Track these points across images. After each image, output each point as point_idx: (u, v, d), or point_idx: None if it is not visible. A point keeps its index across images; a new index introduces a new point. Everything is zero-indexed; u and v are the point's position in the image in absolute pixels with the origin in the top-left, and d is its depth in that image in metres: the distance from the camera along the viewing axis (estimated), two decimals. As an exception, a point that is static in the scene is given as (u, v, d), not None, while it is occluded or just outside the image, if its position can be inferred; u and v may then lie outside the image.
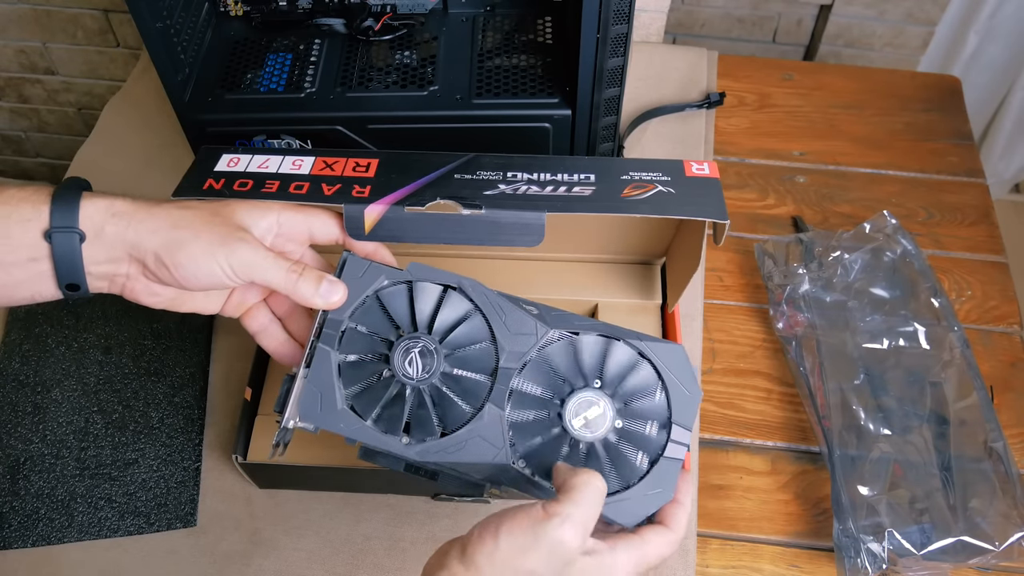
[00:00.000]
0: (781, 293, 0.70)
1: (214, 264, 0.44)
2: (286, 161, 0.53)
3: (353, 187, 0.51)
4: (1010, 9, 1.16)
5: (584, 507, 0.38)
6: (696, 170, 0.53)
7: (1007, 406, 0.67)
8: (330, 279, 0.47)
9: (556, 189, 0.51)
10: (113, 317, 0.71)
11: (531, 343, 0.46)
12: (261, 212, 0.48)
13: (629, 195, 0.51)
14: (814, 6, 1.09)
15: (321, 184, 0.51)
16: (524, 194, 0.51)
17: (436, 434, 0.46)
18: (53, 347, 0.69)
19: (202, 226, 0.45)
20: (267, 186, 0.51)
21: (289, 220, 0.49)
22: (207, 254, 0.44)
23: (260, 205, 0.48)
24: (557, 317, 0.47)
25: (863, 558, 0.56)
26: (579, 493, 0.38)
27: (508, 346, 0.46)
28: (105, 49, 1.23)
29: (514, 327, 0.46)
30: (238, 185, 0.51)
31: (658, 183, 0.52)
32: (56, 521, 0.61)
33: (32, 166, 1.49)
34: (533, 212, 0.49)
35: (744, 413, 0.68)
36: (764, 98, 0.91)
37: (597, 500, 0.39)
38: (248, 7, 0.75)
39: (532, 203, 0.50)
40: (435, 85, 0.69)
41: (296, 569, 0.59)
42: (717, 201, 0.51)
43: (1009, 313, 0.74)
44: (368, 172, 0.53)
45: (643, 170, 0.53)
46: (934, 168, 0.85)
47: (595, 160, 0.54)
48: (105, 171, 0.83)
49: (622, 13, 0.60)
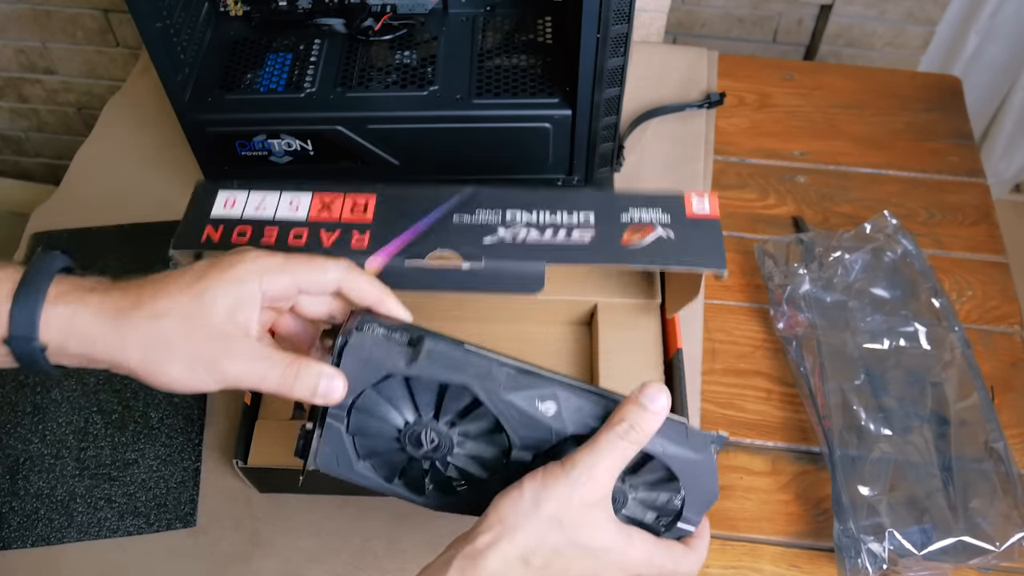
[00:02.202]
0: (781, 293, 0.70)
1: (197, 380, 0.40)
2: (283, 201, 0.53)
3: (352, 234, 0.51)
4: (1011, 9, 1.16)
5: (607, 458, 0.40)
6: (697, 208, 0.53)
7: (1008, 406, 0.67)
8: (328, 374, 0.41)
9: (556, 234, 0.51)
10: (113, 317, 0.71)
11: (546, 442, 0.43)
12: (244, 294, 0.41)
13: (629, 241, 0.51)
14: (814, 6, 1.09)
15: (320, 231, 0.51)
16: (524, 242, 0.51)
17: (457, 491, 0.46)
18: (53, 347, 0.69)
19: (180, 343, 0.40)
20: (266, 235, 0.51)
21: (273, 285, 0.42)
22: (188, 372, 0.40)
23: (241, 281, 0.41)
24: (576, 396, 0.43)
25: (863, 558, 0.56)
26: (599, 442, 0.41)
27: (519, 442, 0.43)
28: (105, 49, 1.23)
29: (525, 430, 0.43)
30: (237, 235, 0.51)
31: (658, 224, 0.52)
32: (56, 521, 0.61)
33: (32, 166, 1.49)
34: (533, 263, 0.50)
35: (744, 413, 0.68)
36: (764, 98, 0.91)
37: (619, 448, 0.41)
38: (248, 7, 0.75)
39: (532, 252, 0.51)
40: (435, 85, 0.69)
41: (296, 569, 0.59)
42: (716, 247, 0.51)
43: (1010, 313, 0.73)
44: (367, 214, 0.52)
45: (644, 206, 0.53)
46: (935, 168, 0.85)
47: (595, 195, 0.54)
48: (105, 171, 0.83)
49: (622, 13, 0.60)
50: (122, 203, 0.80)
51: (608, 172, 0.76)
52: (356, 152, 0.71)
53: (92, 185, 0.82)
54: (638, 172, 0.81)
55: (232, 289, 0.41)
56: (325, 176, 0.75)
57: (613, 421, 0.41)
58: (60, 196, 0.82)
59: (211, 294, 0.40)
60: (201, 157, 0.73)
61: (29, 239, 0.77)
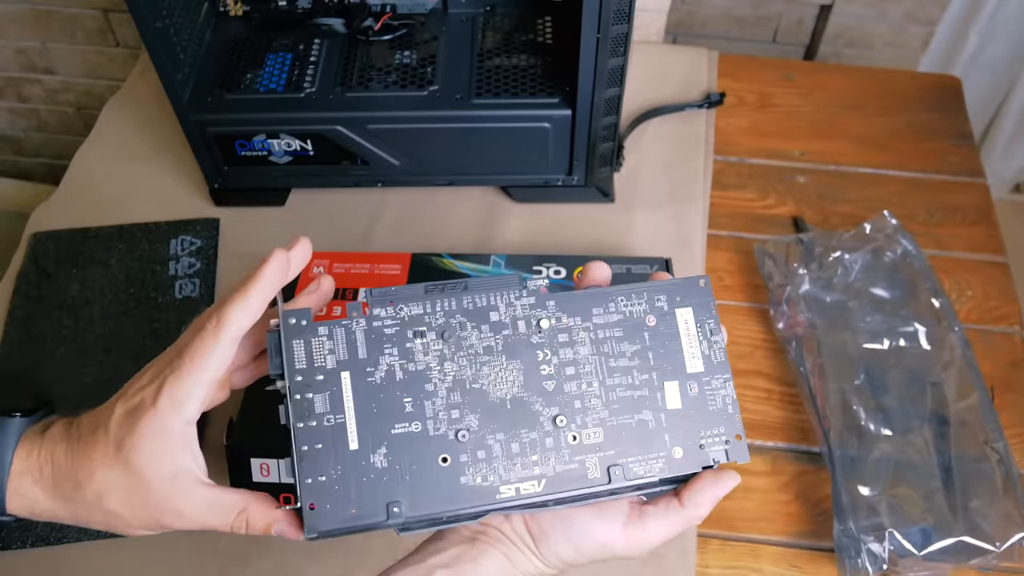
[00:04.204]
0: (781, 293, 0.70)
1: (158, 532, 0.40)
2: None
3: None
4: (1011, 9, 1.16)
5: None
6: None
7: (1007, 406, 0.67)
8: (277, 520, 0.40)
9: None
10: (113, 317, 0.71)
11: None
12: (169, 444, 0.38)
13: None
14: (814, 6, 1.09)
15: None
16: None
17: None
18: (53, 347, 0.69)
19: (129, 515, 0.39)
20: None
21: (191, 402, 0.39)
22: (146, 528, 0.40)
23: (160, 431, 0.38)
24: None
25: (863, 558, 0.56)
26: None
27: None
28: (104, 49, 1.23)
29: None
30: (283, 501, 0.51)
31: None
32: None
33: (31, 166, 1.49)
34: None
35: (744, 413, 0.67)
36: (764, 98, 0.91)
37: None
38: (248, 7, 0.75)
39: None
40: (435, 85, 0.69)
41: (295, 569, 0.59)
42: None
43: (1009, 313, 0.73)
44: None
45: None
46: (934, 168, 0.85)
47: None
48: (105, 171, 0.83)
49: (622, 13, 0.60)
50: (122, 203, 0.80)
51: (608, 172, 0.76)
52: (356, 152, 0.71)
53: (92, 185, 0.82)
54: (638, 172, 0.81)
55: (154, 444, 0.38)
56: (325, 176, 0.75)
57: (692, 505, 0.43)
58: (60, 196, 0.81)
59: (136, 460, 0.38)
60: (201, 157, 0.73)
61: (29, 239, 0.77)
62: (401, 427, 0.39)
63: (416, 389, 0.40)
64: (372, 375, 0.40)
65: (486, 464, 0.39)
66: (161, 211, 0.78)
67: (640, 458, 0.41)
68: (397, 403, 0.39)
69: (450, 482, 0.39)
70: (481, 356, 0.41)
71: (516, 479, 0.39)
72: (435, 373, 0.40)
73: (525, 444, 0.40)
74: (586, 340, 0.42)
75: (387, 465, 0.39)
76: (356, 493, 0.38)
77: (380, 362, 0.40)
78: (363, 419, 0.39)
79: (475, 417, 0.40)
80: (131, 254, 0.75)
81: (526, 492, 0.39)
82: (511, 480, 0.39)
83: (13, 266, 0.76)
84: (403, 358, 0.40)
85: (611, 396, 0.41)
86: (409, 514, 0.38)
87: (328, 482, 0.38)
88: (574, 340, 0.42)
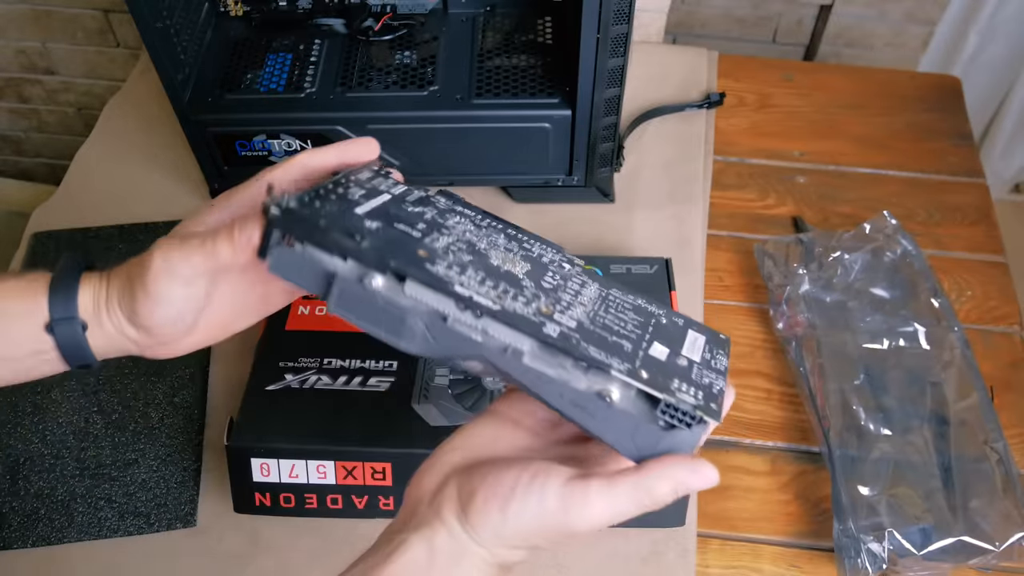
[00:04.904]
0: (781, 293, 0.70)
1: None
2: (310, 468, 0.57)
3: (379, 499, 0.58)
4: (1011, 9, 1.16)
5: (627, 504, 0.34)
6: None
7: (1007, 406, 0.67)
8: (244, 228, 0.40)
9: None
10: (113, 317, 0.71)
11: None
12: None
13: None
14: (814, 6, 1.09)
15: (351, 496, 0.58)
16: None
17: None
18: (53, 347, 0.69)
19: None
20: (308, 501, 0.58)
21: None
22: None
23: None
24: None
25: (863, 558, 0.56)
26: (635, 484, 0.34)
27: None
28: (105, 49, 1.23)
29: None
30: (283, 500, 0.58)
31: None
32: (56, 521, 0.61)
33: (32, 166, 1.49)
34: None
35: (744, 413, 0.68)
36: (764, 98, 0.91)
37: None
38: (248, 7, 0.75)
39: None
40: (435, 85, 0.69)
41: (296, 569, 0.59)
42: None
43: (1009, 313, 0.74)
44: (385, 479, 0.57)
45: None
46: (934, 168, 0.85)
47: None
48: (105, 171, 0.83)
49: (622, 13, 0.60)
50: (122, 203, 0.80)
51: (608, 172, 0.76)
52: (356, 152, 0.71)
53: (92, 185, 0.82)
54: (638, 172, 0.81)
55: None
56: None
57: (650, 478, 0.35)
58: (60, 196, 0.82)
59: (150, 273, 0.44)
60: (201, 157, 0.73)
61: (29, 239, 0.77)
62: (403, 227, 0.39)
63: (433, 226, 0.41)
64: (404, 201, 0.43)
65: (457, 272, 0.37)
66: (161, 211, 0.79)
67: (604, 353, 0.36)
68: (413, 219, 0.41)
69: (419, 266, 0.37)
70: (500, 246, 0.42)
71: (477, 293, 0.36)
72: (454, 229, 0.42)
73: (502, 286, 0.38)
74: (595, 289, 0.42)
75: (374, 229, 0.38)
76: (331, 221, 0.37)
77: (410, 206, 0.42)
78: (377, 211, 0.40)
79: (469, 258, 0.39)
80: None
81: (479, 302, 0.36)
82: (471, 287, 0.37)
83: (14, 266, 0.76)
84: (432, 209, 0.43)
85: (597, 320, 0.39)
86: (371, 255, 0.36)
87: (315, 211, 0.38)
88: (585, 283, 0.42)
